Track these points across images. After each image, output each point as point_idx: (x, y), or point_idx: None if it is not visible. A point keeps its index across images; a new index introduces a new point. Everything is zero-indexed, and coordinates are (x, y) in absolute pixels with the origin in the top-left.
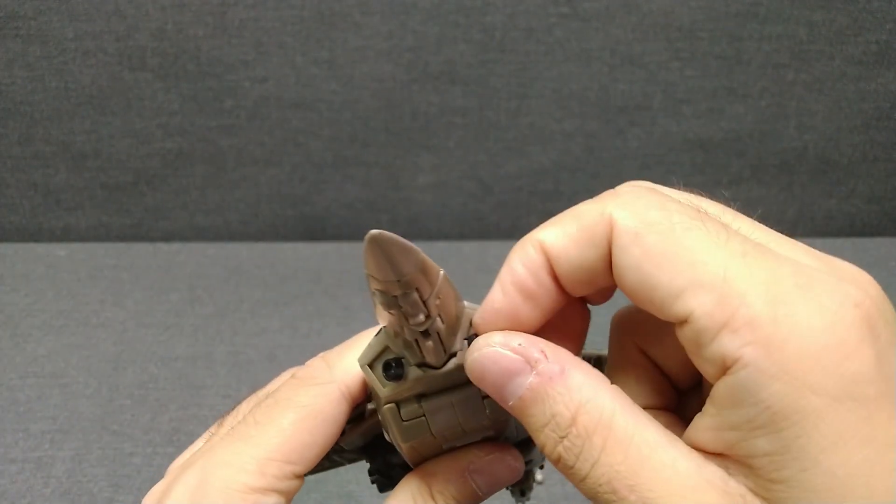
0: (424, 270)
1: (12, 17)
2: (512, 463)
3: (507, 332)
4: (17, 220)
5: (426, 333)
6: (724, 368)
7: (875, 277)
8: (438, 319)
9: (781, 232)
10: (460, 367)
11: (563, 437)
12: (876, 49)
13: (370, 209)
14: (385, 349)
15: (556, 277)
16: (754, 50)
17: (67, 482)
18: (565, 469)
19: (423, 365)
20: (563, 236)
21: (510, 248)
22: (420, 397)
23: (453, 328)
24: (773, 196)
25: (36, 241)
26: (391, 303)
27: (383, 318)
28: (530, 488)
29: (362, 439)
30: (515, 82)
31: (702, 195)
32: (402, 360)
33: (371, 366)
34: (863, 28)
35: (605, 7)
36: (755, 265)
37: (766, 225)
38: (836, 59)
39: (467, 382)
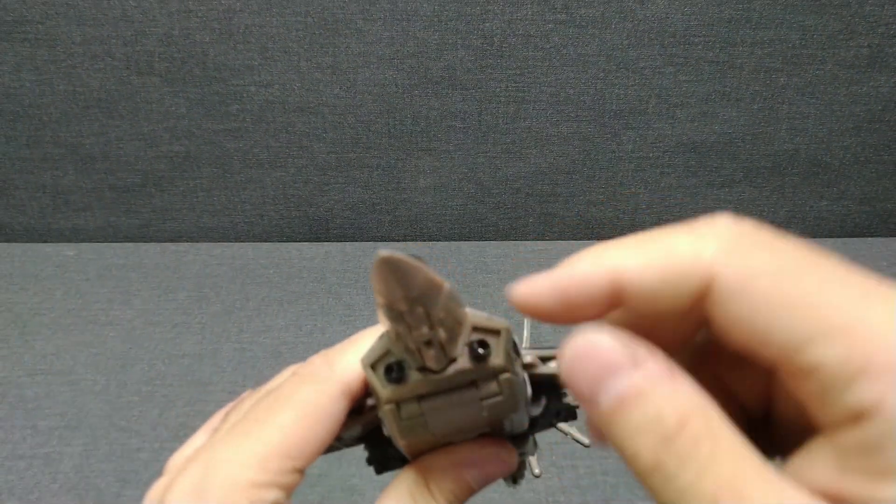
0: (430, 287)
1: (20, 21)
2: (505, 457)
3: (606, 326)
4: (27, 221)
5: (428, 343)
6: (858, 418)
7: None
8: (441, 330)
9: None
10: (460, 372)
11: (667, 440)
12: (867, 53)
13: (372, 210)
14: (387, 352)
15: (608, 305)
16: (747, 55)
17: (75, 478)
18: (663, 480)
19: (423, 369)
20: (644, 265)
21: (509, 248)
22: (420, 398)
23: (455, 336)
24: (765, 198)
25: (45, 241)
26: (397, 317)
27: (385, 324)
28: (522, 476)
29: (361, 430)
30: (513, 87)
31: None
32: (403, 363)
33: (374, 367)
34: (854, 32)
35: (601, 14)
36: (881, 305)
37: None
38: (828, 63)
39: (467, 385)
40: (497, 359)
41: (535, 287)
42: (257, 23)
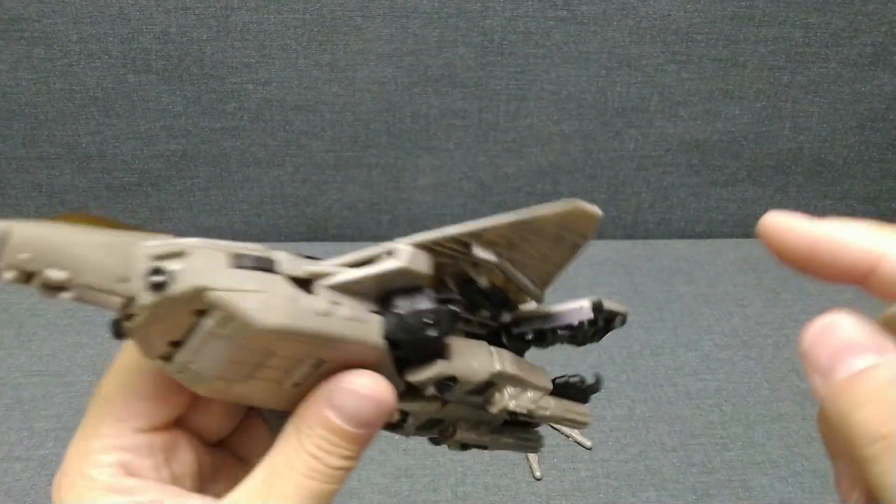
0: None
1: (17, 19)
2: (363, 385)
3: (856, 314)
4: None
5: (58, 289)
6: None
7: None
8: (54, 271)
9: None
10: (151, 307)
11: None
12: (871, 51)
13: (371, 210)
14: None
15: (850, 279)
16: (750, 52)
17: None
18: (886, 448)
19: (127, 316)
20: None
21: None
22: (174, 344)
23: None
24: (768, 197)
25: None
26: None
27: None
28: (449, 436)
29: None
30: (514, 85)
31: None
32: (119, 319)
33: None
34: (858, 30)
35: (603, 10)
36: None
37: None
38: (832, 62)
39: (196, 316)
40: (184, 283)
41: (792, 228)
42: (255, 20)
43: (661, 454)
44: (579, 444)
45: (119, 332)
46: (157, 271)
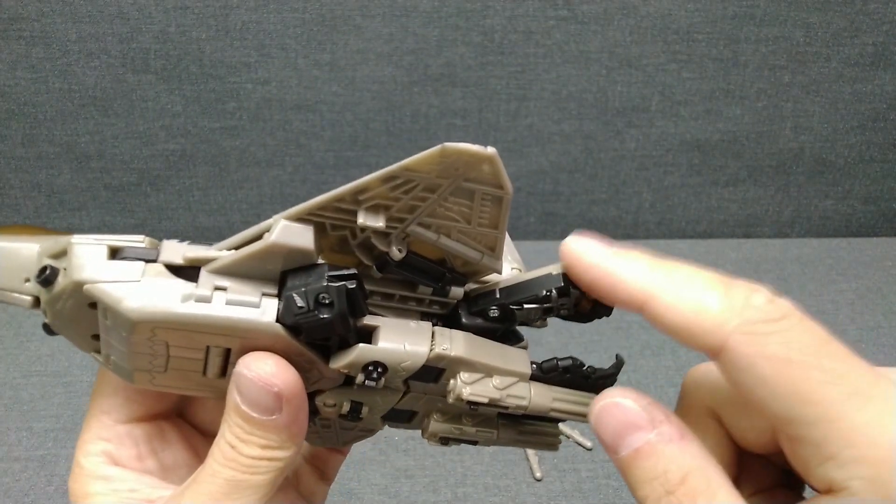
0: None
1: (16, 18)
2: (252, 368)
3: (633, 391)
4: (21, 221)
5: None
6: (829, 490)
7: (871, 278)
8: None
9: (778, 232)
10: (50, 300)
11: (669, 493)
12: (872, 51)
13: None
14: None
15: (631, 309)
16: (751, 52)
17: None
18: None
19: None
20: (673, 307)
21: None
22: (95, 338)
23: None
24: (769, 197)
25: None
26: None
27: None
28: (430, 435)
29: None
30: (514, 84)
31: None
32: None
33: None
34: (859, 30)
35: (604, 10)
36: (864, 406)
37: (763, 226)
38: (833, 61)
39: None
40: (67, 278)
41: (582, 258)
42: (254, 19)
43: None
44: (580, 444)
45: (48, 329)
46: (44, 269)
